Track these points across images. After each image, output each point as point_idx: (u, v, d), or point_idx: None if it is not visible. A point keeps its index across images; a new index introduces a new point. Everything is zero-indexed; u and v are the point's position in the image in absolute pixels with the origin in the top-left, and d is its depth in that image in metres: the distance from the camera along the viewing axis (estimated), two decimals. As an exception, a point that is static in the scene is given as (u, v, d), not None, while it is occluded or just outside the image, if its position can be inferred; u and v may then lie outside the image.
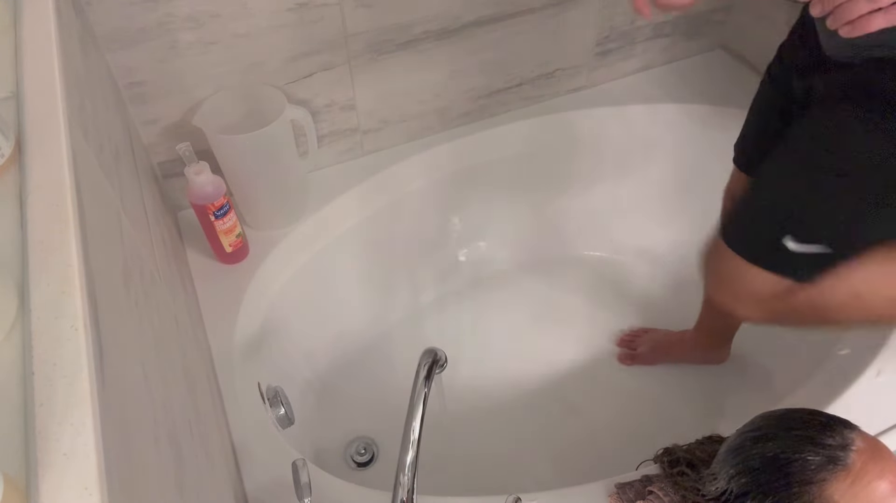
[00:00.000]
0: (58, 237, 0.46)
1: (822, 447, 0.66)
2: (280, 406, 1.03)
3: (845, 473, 0.65)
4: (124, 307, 0.57)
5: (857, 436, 0.67)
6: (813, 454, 0.66)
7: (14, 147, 0.52)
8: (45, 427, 0.37)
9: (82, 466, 0.35)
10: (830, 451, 0.66)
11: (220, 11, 1.07)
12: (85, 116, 0.69)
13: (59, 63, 0.60)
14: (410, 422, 0.81)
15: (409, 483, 0.78)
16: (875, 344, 1.06)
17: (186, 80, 1.12)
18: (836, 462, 0.65)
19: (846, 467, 0.65)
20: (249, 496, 0.92)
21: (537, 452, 1.35)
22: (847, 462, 0.65)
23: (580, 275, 1.61)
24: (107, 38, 1.02)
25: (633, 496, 0.86)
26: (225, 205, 1.11)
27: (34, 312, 0.42)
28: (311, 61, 1.19)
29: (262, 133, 1.10)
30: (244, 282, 1.18)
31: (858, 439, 0.67)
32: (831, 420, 0.69)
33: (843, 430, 0.67)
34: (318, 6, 1.12)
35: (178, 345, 0.80)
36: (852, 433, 0.67)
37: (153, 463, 0.50)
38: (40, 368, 0.39)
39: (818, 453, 0.66)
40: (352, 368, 1.43)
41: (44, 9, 0.67)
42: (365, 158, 1.40)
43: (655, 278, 1.59)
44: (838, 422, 0.69)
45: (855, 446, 0.66)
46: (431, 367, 0.88)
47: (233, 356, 1.08)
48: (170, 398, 0.63)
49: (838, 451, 0.66)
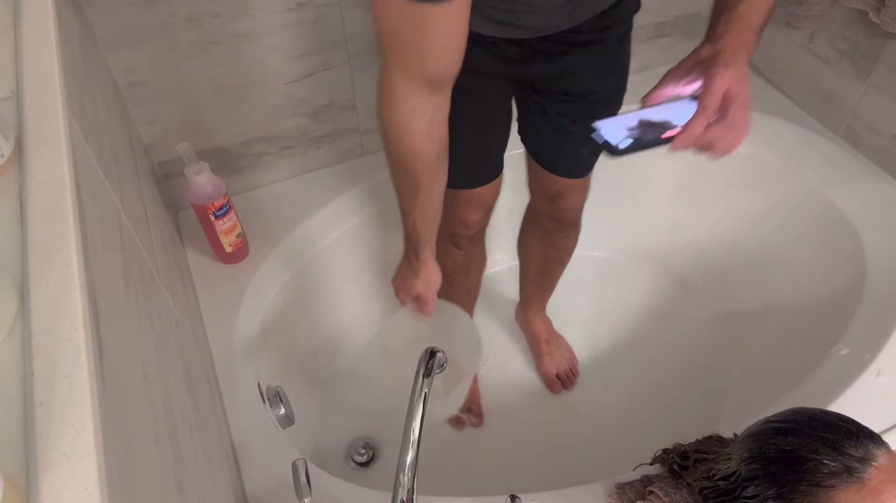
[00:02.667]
0: (58, 237, 0.46)
1: (842, 454, 0.65)
2: (280, 406, 1.03)
3: (858, 486, 0.63)
4: (124, 307, 0.57)
5: (882, 452, 0.65)
6: (830, 459, 0.65)
7: (14, 147, 0.52)
8: (45, 427, 0.37)
9: (82, 466, 0.35)
10: (849, 461, 0.64)
11: (220, 11, 1.07)
12: (85, 116, 0.69)
13: (59, 63, 0.60)
14: (410, 423, 0.81)
15: (409, 483, 0.78)
16: (875, 344, 1.06)
17: (186, 80, 1.12)
18: (852, 473, 0.64)
19: (861, 481, 0.63)
20: (249, 496, 0.92)
21: (537, 452, 1.35)
22: (863, 476, 0.63)
23: (580, 275, 1.61)
24: (107, 38, 1.02)
25: (633, 496, 0.86)
26: (225, 205, 1.11)
27: (34, 312, 0.42)
28: (311, 61, 1.19)
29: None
30: (244, 282, 1.18)
31: (883, 456, 0.65)
32: (860, 431, 0.67)
33: (868, 444, 0.65)
34: (318, 6, 1.12)
35: (178, 345, 0.80)
36: (878, 449, 0.65)
37: (153, 463, 0.50)
38: (40, 368, 0.39)
39: (836, 459, 0.65)
40: (352, 368, 1.43)
41: (44, 9, 0.67)
42: (365, 158, 1.40)
43: (655, 278, 1.59)
44: (867, 435, 0.67)
45: (877, 462, 0.64)
46: (431, 368, 0.88)
47: (233, 356, 1.08)
48: (170, 398, 0.63)
49: (856, 463, 0.64)
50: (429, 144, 0.80)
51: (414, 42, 0.71)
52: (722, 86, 0.68)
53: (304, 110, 1.27)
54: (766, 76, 1.54)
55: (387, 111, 0.78)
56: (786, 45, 1.44)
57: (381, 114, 0.79)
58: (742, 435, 0.74)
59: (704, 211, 1.54)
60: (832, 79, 1.36)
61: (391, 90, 0.76)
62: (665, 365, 1.45)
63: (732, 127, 0.69)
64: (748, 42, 0.71)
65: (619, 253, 1.62)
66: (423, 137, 0.79)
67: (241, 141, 1.26)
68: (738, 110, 0.69)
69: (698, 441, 0.88)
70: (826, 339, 1.14)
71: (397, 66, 0.74)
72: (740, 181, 1.46)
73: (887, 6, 1.13)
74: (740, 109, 0.69)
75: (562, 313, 1.52)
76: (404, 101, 0.76)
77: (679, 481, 0.82)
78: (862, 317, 1.14)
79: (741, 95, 0.69)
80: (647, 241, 1.61)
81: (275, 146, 1.30)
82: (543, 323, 1.47)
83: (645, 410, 1.38)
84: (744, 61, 0.70)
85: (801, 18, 1.28)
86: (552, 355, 1.44)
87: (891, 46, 1.21)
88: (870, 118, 1.31)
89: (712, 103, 0.68)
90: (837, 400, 0.99)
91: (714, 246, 1.53)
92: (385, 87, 0.76)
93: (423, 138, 0.79)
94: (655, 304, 1.56)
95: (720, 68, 0.68)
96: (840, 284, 1.26)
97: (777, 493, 0.66)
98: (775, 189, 1.43)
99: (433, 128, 0.80)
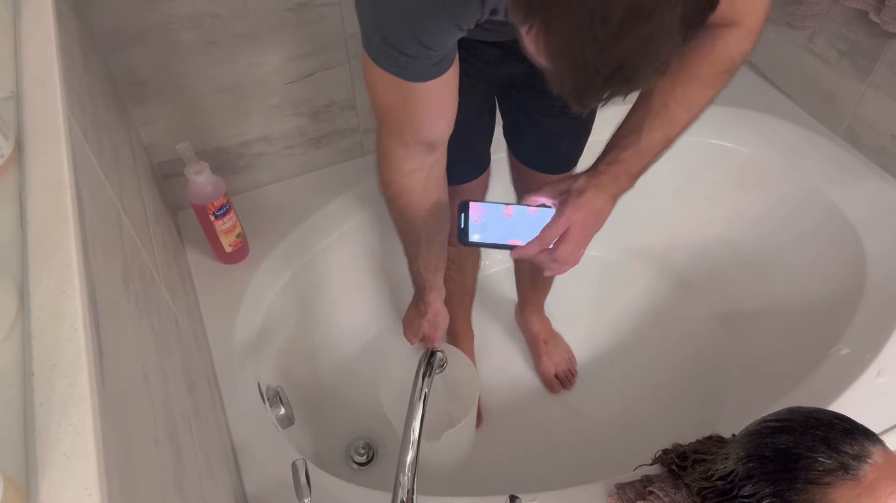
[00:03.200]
0: (58, 237, 0.46)
1: (837, 452, 0.65)
2: (280, 406, 1.03)
3: (854, 483, 0.63)
4: (124, 307, 0.57)
5: (878, 450, 0.65)
6: (825, 456, 0.65)
7: (14, 147, 0.52)
8: (44, 427, 0.37)
9: (82, 467, 0.35)
10: (844, 458, 0.64)
11: (219, 11, 1.07)
12: (85, 116, 0.69)
13: (59, 63, 0.60)
14: (410, 423, 0.81)
15: (409, 483, 0.78)
16: (875, 344, 1.06)
17: (186, 80, 1.12)
18: (847, 470, 0.64)
19: (856, 478, 0.63)
20: (249, 496, 0.92)
21: (537, 452, 1.35)
22: (858, 473, 0.63)
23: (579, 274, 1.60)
24: (107, 38, 1.02)
25: (633, 496, 0.86)
26: (225, 205, 1.11)
27: (34, 312, 0.42)
28: (311, 61, 1.19)
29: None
30: (244, 282, 1.18)
31: (878, 454, 0.65)
32: (856, 429, 0.67)
33: (864, 441, 0.65)
34: (317, 6, 1.12)
35: (178, 345, 0.80)
36: (874, 446, 0.65)
37: (153, 463, 0.50)
38: (40, 368, 0.39)
39: (830, 457, 0.65)
40: (352, 368, 1.43)
41: (44, 9, 0.67)
42: (365, 158, 1.40)
43: (655, 278, 1.59)
44: (862, 433, 0.67)
45: (872, 459, 0.64)
46: (431, 368, 0.89)
47: (233, 356, 1.08)
48: (170, 398, 0.63)
49: (852, 460, 0.64)
50: (427, 199, 0.85)
51: (406, 114, 0.75)
52: (563, 225, 0.77)
53: (304, 110, 1.27)
54: (766, 76, 1.54)
55: (385, 172, 0.83)
56: (786, 45, 1.44)
57: (380, 174, 0.83)
58: (739, 434, 0.75)
59: (704, 211, 1.53)
60: (832, 79, 1.36)
61: (387, 153, 0.81)
62: (665, 365, 1.45)
63: (556, 260, 0.79)
64: (621, 186, 0.80)
65: (618, 252, 1.62)
66: (421, 193, 0.84)
67: (241, 141, 1.26)
68: (567, 248, 0.78)
69: (698, 441, 0.88)
70: (826, 339, 1.14)
71: (392, 134, 0.78)
72: (740, 181, 1.46)
73: (887, 6, 1.13)
74: (570, 247, 0.78)
75: (561, 313, 1.52)
76: (401, 164, 0.81)
77: (679, 481, 0.82)
78: (862, 317, 1.14)
79: (575, 238, 0.78)
80: (647, 240, 1.61)
81: (275, 146, 1.30)
82: (542, 323, 1.47)
83: (645, 410, 1.38)
84: (606, 200, 0.79)
85: (802, 18, 1.28)
86: (551, 355, 1.44)
87: (891, 46, 1.21)
88: (870, 118, 1.31)
89: (548, 238, 0.78)
90: (837, 400, 0.99)
91: (714, 246, 1.53)
92: (382, 150, 0.81)
93: (421, 194, 0.84)
94: (655, 304, 1.56)
95: (571, 209, 0.77)
96: (840, 284, 1.26)
97: (773, 492, 0.66)
98: (775, 189, 1.42)
99: (430, 184, 0.85)
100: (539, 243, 0.78)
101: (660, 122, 0.78)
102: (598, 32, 0.45)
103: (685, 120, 0.79)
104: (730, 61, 0.77)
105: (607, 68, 0.48)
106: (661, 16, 0.45)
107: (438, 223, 0.90)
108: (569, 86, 0.52)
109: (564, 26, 0.47)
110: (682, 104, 0.78)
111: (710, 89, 0.78)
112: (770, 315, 1.41)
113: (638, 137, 0.79)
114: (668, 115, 0.78)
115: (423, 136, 0.78)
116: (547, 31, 0.48)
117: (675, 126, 0.79)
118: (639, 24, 0.45)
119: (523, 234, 0.79)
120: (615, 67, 0.48)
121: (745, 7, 0.73)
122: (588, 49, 0.47)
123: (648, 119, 0.78)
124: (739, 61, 0.77)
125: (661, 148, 0.80)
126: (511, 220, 0.81)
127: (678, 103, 0.78)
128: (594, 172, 0.80)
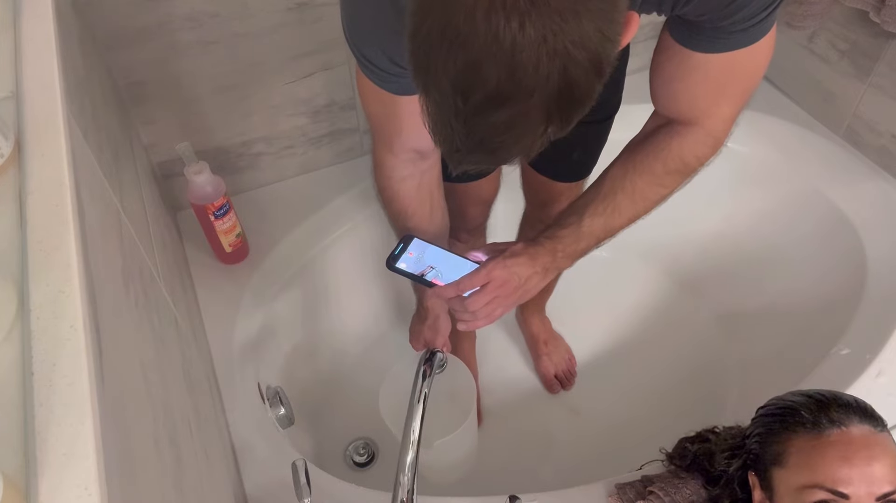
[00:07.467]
0: (58, 237, 0.46)
1: (821, 412, 0.69)
2: (280, 406, 1.03)
3: (813, 436, 0.67)
4: (124, 307, 0.57)
5: (863, 427, 0.67)
6: (808, 412, 0.70)
7: (14, 147, 0.52)
8: (44, 427, 0.37)
9: (82, 466, 0.35)
10: (821, 418, 0.68)
11: (219, 11, 1.07)
12: (85, 116, 0.69)
13: (59, 63, 0.60)
14: (410, 423, 0.81)
15: (409, 483, 0.78)
16: (875, 344, 1.06)
17: (186, 80, 1.12)
18: (816, 425, 0.68)
19: (819, 434, 0.67)
20: (249, 496, 0.92)
21: (537, 452, 1.35)
22: (823, 431, 0.67)
23: (579, 274, 1.60)
24: (107, 38, 1.02)
25: (634, 496, 0.86)
26: (225, 205, 1.11)
27: (34, 312, 0.42)
28: (311, 61, 1.19)
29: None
30: (244, 282, 1.18)
31: (859, 429, 0.67)
32: (857, 403, 0.71)
33: (853, 415, 0.68)
34: (318, 6, 1.12)
35: (178, 345, 0.80)
36: (862, 423, 0.68)
37: (153, 463, 0.50)
38: (40, 368, 0.39)
39: (813, 414, 0.69)
40: (352, 368, 1.43)
41: (44, 9, 0.67)
42: (365, 158, 1.40)
43: (655, 278, 1.59)
44: (861, 411, 0.70)
45: (846, 427, 0.67)
46: (431, 368, 0.89)
47: (233, 356, 1.08)
48: (170, 398, 0.63)
49: (826, 421, 0.68)
50: (420, 204, 0.87)
51: (395, 125, 0.76)
52: (482, 279, 0.78)
53: (304, 110, 1.27)
54: (766, 76, 1.54)
55: (379, 179, 0.85)
56: (786, 45, 1.44)
57: (375, 180, 0.86)
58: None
59: (704, 211, 1.53)
60: (832, 78, 1.36)
61: (380, 162, 0.83)
62: (665, 365, 1.45)
63: (467, 309, 0.79)
64: (557, 262, 0.80)
65: (618, 252, 1.61)
66: (414, 199, 0.86)
67: (241, 141, 1.26)
68: (480, 300, 0.78)
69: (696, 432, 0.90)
70: (826, 339, 1.14)
71: (383, 143, 0.80)
72: (740, 181, 1.46)
73: (887, 6, 1.13)
74: (483, 300, 0.78)
75: (561, 313, 1.52)
76: (393, 171, 0.83)
77: (679, 481, 0.82)
78: (862, 317, 1.14)
79: (490, 293, 0.77)
80: (647, 240, 1.60)
81: (275, 146, 1.30)
82: (542, 323, 1.47)
83: (644, 410, 1.38)
84: (536, 271, 0.79)
85: (802, 18, 1.28)
86: (550, 356, 1.44)
87: (891, 46, 1.21)
88: (870, 118, 1.31)
89: (464, 285, 0.78)
90: (837, 400, 0.99)
91: (714, 246, 1.53)
92: (375, 158, 0.83)
93: (414, 200, 0.86)
94: (655, 304, 1.55)
95: (495, 265, 0.78)
96: (840, 284, 1.26)
97: (760, 432, 0.74)
98: (775, 189, 1.42)
99: (423, 190, 0.86)
100: (454, 288, 0.79)
101: (604, 209, 0.79)
102: (460, 107, 0.47)
103: (631, 213, 0.79)
104: (682, 162, 0.76)
105: (470, 141, 0.49)
106: (518, 105, 0.45)
107: (434, 228, 0.91)
108: (442, 148, 0.53)
109: (436, 95, 0.48)
110: (630, 196, 0.78)
111: (659, 187, 0.79)
112: (770, 315, 1.41)
113: (580, 219, 0.79)
114: (613, 204, 0.78)
115: (413, 145, 0.78)
116: (426, 94, 0.50)
117: (618, 216, 0.79)
118: (495, 108, 0.46)
119: (447, 278, 0.81)
120: (477, 142, 0.49)
121: (705, 107, 0.73)
122: (454, 120, 0.48)
123: (594, 203, 0.79)
124: (695, 165, 0.77)
125: (603, 236, 0.80)
126: (443, 263, 0.84)
127: (625, 194, 0.78)
128: (533, 242, 0.80)
